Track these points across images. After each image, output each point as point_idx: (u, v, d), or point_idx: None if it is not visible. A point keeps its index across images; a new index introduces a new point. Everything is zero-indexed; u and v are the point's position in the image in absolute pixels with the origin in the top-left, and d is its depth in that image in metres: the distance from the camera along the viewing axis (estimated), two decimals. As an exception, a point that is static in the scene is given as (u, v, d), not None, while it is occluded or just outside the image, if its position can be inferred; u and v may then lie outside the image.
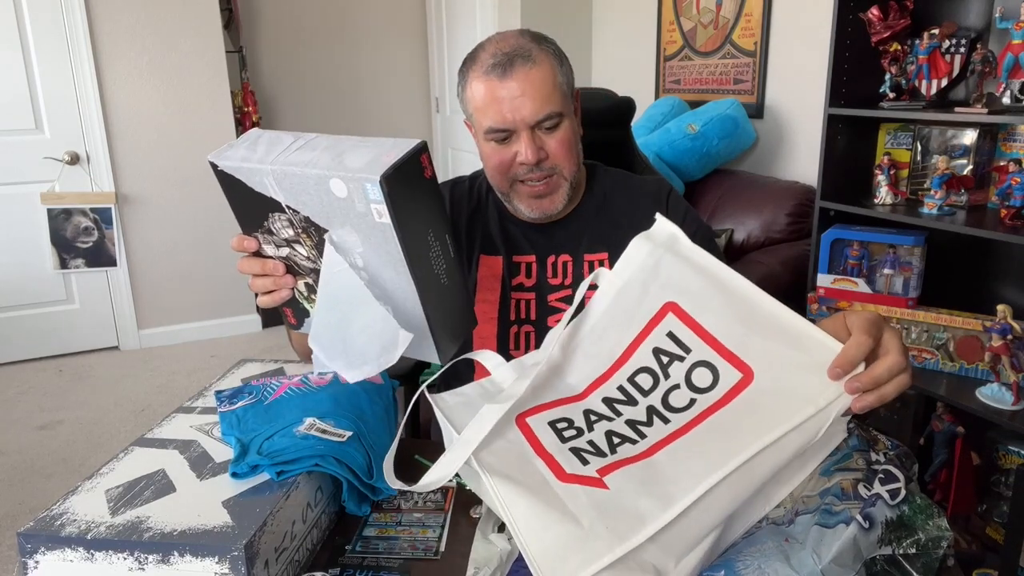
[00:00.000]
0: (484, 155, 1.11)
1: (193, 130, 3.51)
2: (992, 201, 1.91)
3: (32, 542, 0.70)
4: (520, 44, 1.05)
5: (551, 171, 1.07)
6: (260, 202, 0.81)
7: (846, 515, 0.64)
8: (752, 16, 2.91)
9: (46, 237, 3.34)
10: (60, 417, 2.90)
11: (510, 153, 1.06)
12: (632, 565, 0.62)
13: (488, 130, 1.05)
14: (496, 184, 1.13)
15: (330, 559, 0.80)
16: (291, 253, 0.86)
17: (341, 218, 0.76)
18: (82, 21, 3.20)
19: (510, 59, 1.03)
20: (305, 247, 0.83)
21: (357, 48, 4.29)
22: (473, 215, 1.20)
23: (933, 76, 1.94)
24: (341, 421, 0.88)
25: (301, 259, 0.86)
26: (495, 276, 1.15)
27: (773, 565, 0.62)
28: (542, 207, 1.10)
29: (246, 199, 0.82)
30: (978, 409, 1.68)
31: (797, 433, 0.64)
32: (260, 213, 0.83)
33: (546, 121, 1.04)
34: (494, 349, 1.13)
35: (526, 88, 1.02)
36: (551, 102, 1.04)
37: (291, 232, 0.83)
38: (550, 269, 1.15)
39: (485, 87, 1.04)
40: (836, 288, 1.97)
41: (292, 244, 0.85)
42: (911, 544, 0.64)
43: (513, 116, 1.03)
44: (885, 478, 0.66)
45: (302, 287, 0.89)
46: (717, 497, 0.64)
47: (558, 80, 1.06)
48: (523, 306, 1.14)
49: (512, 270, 1.15)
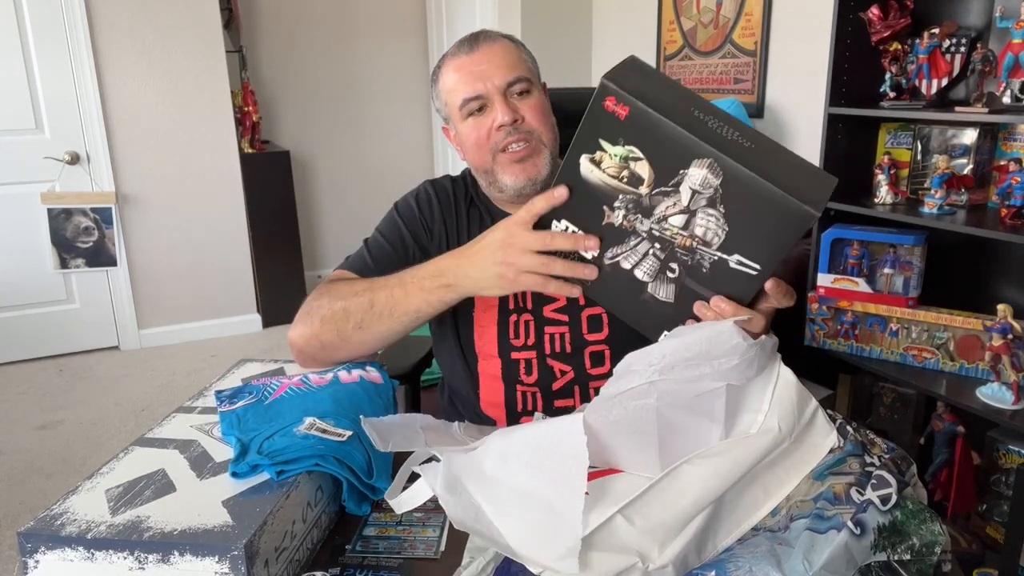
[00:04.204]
0: (463, 139, 1.13)
1: (193, 130, 3.51)
2: (992, 200, 1.91)
3: (32, 542, 0.70)
4: (484, 31, 1.14)
5: (529, 133, 1.09)
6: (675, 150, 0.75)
7: (838, 521, 0.64)
8: (752, 16, 2.90)
9: (46, 237, 3.34)
10: (60, 417, 2.90)
11: (486, 124, 1.09)
12: (614, 546, 0.63)
13: (463, 103, 1.09)
14: (479, 164, 1.13)
15: (330, 559, 0.80)
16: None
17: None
18: (82, 21, 3.20)
19: (475, 37, 1.12)
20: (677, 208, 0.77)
21: (357, 48, 4.29)
22: (470, 207, 1.21)
23: (933, 75, 1.94)
24: (341, 421, 0.88)
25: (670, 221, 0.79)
26: None
27: (764, 568, 0.62)
28: (526, 172, 1.09)
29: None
30: (978, 409, 1.68)
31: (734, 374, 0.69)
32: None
33: (516, 84, 1.09)
34: (495, 336, 1.13)
35: (492, 57, 1.09)
36: (519, 68, 1.10)
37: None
38: None
39: (454, 67, 1.11)
40: (836, 288, 1.96)
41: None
42: (905, 549, 0.64)
43: (484, 83, 1.08)
44: (877, 483, 0.66)
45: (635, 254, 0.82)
46: (691, 481, 0.65)
47: (523, 56, 1.13)
48: (520, 295, 1.14)
49: None
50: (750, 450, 0.67)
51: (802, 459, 0.71)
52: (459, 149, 1.18)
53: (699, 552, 0.67)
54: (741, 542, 0.68)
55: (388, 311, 1.01)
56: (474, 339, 1.15)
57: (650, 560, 0.64)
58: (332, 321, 1.03)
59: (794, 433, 0.70)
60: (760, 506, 0.69)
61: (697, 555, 0.67)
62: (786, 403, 0.71)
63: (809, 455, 0.71)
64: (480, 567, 0.71)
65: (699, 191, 0.75)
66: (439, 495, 0.71)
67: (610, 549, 0.63)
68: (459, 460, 0.75)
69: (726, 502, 0.68)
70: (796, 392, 0.72)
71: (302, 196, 4.16)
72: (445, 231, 1.19)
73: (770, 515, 0.69)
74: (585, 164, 0.80)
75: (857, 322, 1.96)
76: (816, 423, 0.72)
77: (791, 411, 0.71)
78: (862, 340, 1.96)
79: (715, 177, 0.73)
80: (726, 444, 0.68)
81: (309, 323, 1.05)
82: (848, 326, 1.97)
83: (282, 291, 3.77)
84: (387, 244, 1.17)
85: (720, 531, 0.68)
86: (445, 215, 1.20)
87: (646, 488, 0.65)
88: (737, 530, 0.69)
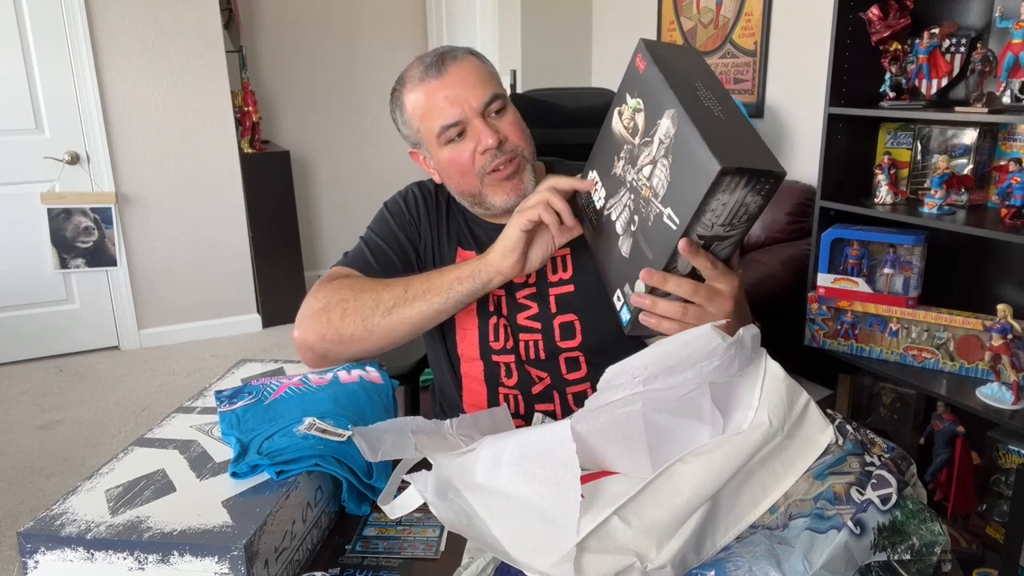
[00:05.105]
0: (443, 165, 1.10)
1: (193, 130, 3.51)
2: (992, 200, 1.91)
3: (32, 542, 0.70)
4: (443, 48, 1.09)
5: (513, 152, 1.07)
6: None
7: (837, 520, 0.63)
8: (752, 16, 2.91)
9: (46, 237, 3.34)
10: (60, 417, 2.90)
11: (468, 149, 1.06)
12: (612, 547, 0.63)
13: (440, 131, 1.06)
14: (465, 189, 1.11)
15: (330, 559, 0.80)
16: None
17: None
18: (82, 21, 3.20)
19: (440, 58, 1.07)
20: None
21: (357, 48, 4.29)
22: (448, 210, 1.21)
23: (933, 75, 1.94)
24: (341, 421, 0.88)
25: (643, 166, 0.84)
26: None
27: (763, 568, 0.62)
28: (516, 190, 1.09)
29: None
30: (978, 408, 1.68)
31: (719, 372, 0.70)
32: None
33: (493, 103, 1.06)
34: (476, 339, 1.14)
35: (464, 77, 1.05)
36: (491, 85, 1.07)
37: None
38: None
39: (424, 92, 1.06)
40: (836, 288, 1.96)
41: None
42: (905, 550, 0.64)
43: (461, 106, 1.04)
44: (877, 483, 0.66)
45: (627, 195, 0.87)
46: (685, 478, 0.65)
47: (490, 70, 1.09)
48: (495, 301, 1.14)
49: None
50: (742, 445, 0.67)
51: (798, 455, 0.71)
52: (434, 173, 1.15)
53: (698, 551, 0.67)
54: (740, 541, 0.68)
55: (422, 293, 1.02)
56: (457, 341, 1.16)
57: (648, 560, 0.64)
58: (358, 312, 1.03)
59: (786, 426, 0.70)
60: (758, 503, 0.69)
61: (696, 554, 0.67)
62: (775, 397, 0.71)
63: (806, 451, 0.71)
64: (480, 567, 0.72)
65: (663, 140, 0.79)
66: (429, 501, 0.71)
67: (607, 551, 0.63)
68: (450, 466, 0.75)
69: (723, 500, 0.68)
70: (785, 386, 0.72)
71: (302, 196, 4.16)
72: (429, 231, 1.19)
73: (768, 513, 0.69)
74: (615, 116, 0.90)
75: (857, 322, 1.96)
76: (809, 417, 0.72)
77: (781, 404, 0.71)
78: (862, 340, 1.96)
79: (673, 126, 0.78)
80: (718, 440, 0.68)
81: (326, 318, 1.04)
82: (848, 326, 1.97)
83: (282, 291, 3.77)
84: (383, 243, 1.18)
85: (718, 529, 0.68)
86: (429, 216, 1.20)
87: (640, 488, 0.65)
88: (735, 528, 0.69)
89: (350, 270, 1.15)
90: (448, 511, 0.69)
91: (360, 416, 0.91)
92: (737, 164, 0.71)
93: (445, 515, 0.69)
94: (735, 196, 0.73)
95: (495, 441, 0.75)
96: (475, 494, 0.71)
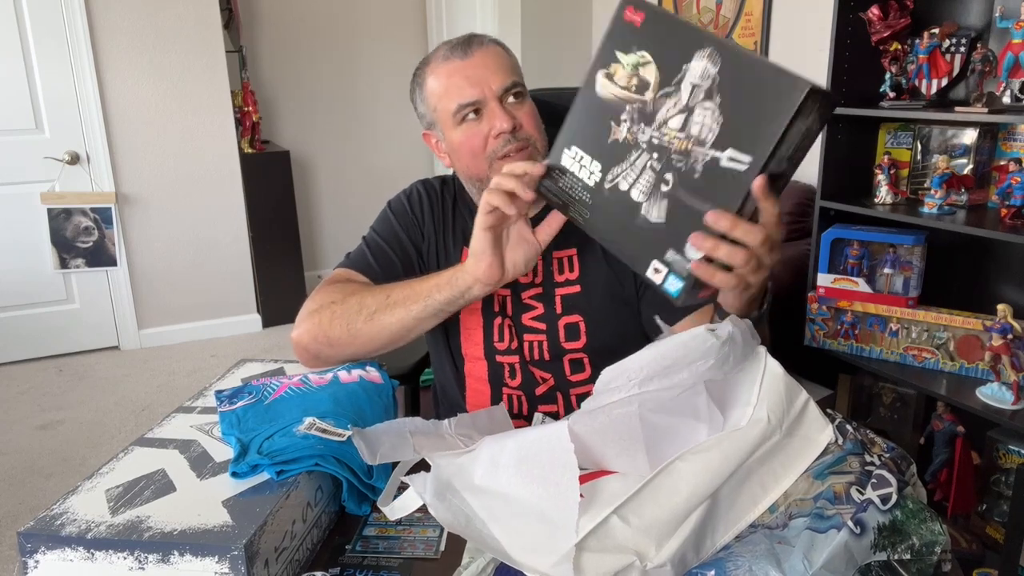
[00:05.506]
0: (455, 147, 1.09)
1: (193, 130, 3.51)
2: (992, 200, 1.91)
3: (32, 542, 0.70)
4: (471, 34, 1.10)
5: (526, 140, 1.05)
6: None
7: (838, 520, 0.64)
8: (752, 16, 2.90)
9: (46, 237, 3.34)
10: (60, 417, 2.90)
11: (483, 131, 1.05)
12: (611, 546, 0.63)
13: (457, 109, 1.05)
14: (474, 172, 1.09)
15: (330, 559, 0.80)
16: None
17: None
18: (82, 21, 3.19)
19: (467, 41, 1.07)
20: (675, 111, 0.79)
21: (357, 48, 4.29)
22: (455, 209, 1.20)
23: (933, 75, 1.94)
24: (341, 421, 0.88)
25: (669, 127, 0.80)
26: None
27: (763, 567, 0.62)
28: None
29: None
30: (978, 408, 1.68)
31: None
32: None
33: (513, 89, 1.05)
34: (480, 339, 1.14)
35: (488, 61, 1.06)
36: (514, 72, 1.07)
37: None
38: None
39: (446, 71, 1.07)
40: (836, 287, 1.96)
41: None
42: (905, 549, 0.64)
43: (481, 87, 1.04)
44: (878, 483, 0.66)
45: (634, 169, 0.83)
46: (684, 477, 0.65)
47: (513, 61, 1.09)
48: (500, 301, 1.14)
49: None
50: (741, 442, 0.67)
51: (798, 453, 0.71)
52: (444, 156, 1.14)
53: (697, 550, 0.67)
54: (739, 540, 0.68)
55: (402, 300, 1.02)
56: (461, 341, 1.16)
57: (648, 559, 0.64)
58: (344, 316, 1.04)
59: (784, 424, 0.70)
60: (757, 502, 0.69)
61: (695, 553, 0.67)
62: (774, 394, 0.71)
63: (805, 449, 0.71)
64: (480, 567, 0.72)
65: (698, 84, 0.77)
66: (428, 503, 0.71)
67: (607, 550, 0.63)
68: (448, 467, 0.75)
69: (723, 499, 0.68)
70: (784, 383, 0.72)
71: (302, 196, 4.16)
72: (434, 231, 1.19)
73: (768, 512, 0.69)
74: (600, 80, 0.84)
75: (857, 322, 1.96)
76: (808, 415, 0.72)
77: (780, 402, 0.71)
78: (862, 340, 1.96)
79: (713, 66, 0.75)
80: (717, 438, 0.68)
81: (318, 319, 1.05)
82: (848, 326, 1.97)
83: (282, 291, 3.77)
84: (385, 244, 1.17)
85: (718, 528, 0.68)
86: (434, 215, 1.20)
87: (639, 487, 0.65)
88: (735, 527, 0.69)
89: (351, 272, 1.14)
90: (447, 512, 0.69)
91: (360, 416, 0.91)
92: (813, 84, 0.70)
93: (444, 516, 0.69)
94: (807, 122, 0.71)
95: (493, 442, 0.75)
96: (474, 495, 0.71)
